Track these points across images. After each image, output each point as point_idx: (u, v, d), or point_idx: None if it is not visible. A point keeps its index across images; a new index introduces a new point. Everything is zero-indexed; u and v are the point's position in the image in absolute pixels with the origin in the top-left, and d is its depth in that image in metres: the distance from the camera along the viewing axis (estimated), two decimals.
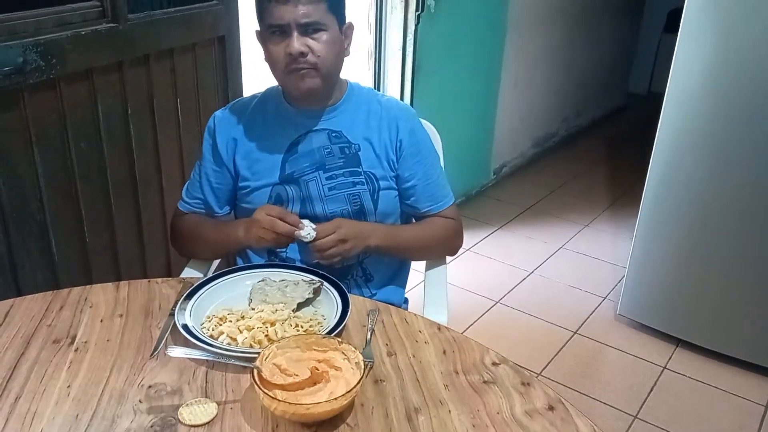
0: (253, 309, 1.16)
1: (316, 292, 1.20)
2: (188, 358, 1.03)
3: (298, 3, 1.23)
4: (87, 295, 1.21)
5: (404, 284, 1.54)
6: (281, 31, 1.26)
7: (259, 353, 0.98)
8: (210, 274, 1.35)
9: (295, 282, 1.22)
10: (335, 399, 0.90)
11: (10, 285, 1.59)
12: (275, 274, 1.25)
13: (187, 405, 0.95)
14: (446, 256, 1.54)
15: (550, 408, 0.98)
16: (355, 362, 0.97)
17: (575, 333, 2.47)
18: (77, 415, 0.93)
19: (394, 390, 1.00)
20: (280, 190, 1.38)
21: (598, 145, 4.43)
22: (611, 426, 2.02)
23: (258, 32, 1.33)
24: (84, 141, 1.67)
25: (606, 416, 2.06)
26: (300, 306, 1.18)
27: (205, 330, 1.10)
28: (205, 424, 0.92)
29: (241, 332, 1.09)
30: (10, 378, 1.00)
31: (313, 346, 1.01)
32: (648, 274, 2.38)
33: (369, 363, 1.04)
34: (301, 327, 1.11)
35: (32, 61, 1.47)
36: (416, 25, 2.69)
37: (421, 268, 1.57)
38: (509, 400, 0.99)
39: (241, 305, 1.18)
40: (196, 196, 1.44)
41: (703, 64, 2.06)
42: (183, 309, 1.13)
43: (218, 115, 1.43)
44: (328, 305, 1.18)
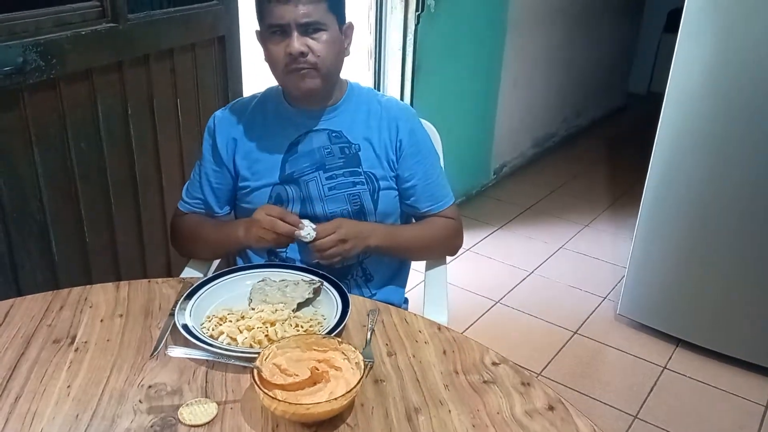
0: (253, 309, 1.16)
1: (316, 292, 1.20)
2: (188, 358, 1.03)
3: (298, 3, 1.23)
4: (87, 295, 1.21)
5: (404, 284, 1.54)
6: (281, 30, 1.26)
7: (259, 353, 0.98)
8: (210, 274, 1.35)
9: (295, 282, 1.22)
10: (335, 399, 0.90)
11: (11, 285, 1.59)
12: (275, 274, 1.25)
13: (187, 405, 0.95)
14: (446, 256, 1.54)
15: (550, 408, 0.98)
16: (355, 362, 0.97)
17: (575, 333, 2.47)
18: (77, 415, 0.93)
19: (394, 390, 1.00)
20: (280, 190, 1.38)
21: (598, 145, 4.43)
22: (611, 426, 2.02)
23: (258, 32, 1.33)
24: (84, 141, 1.67)
25: (606, 416, 2.06)
26: (300, 306, 1.18)
27: (205, 330, 1.10)
28: (205, 424, 0.92)
29: (241, 332, 1.09)
30: (10, 378, 1.00)
31: (313, 346, 1.01)
32: (648, 274, 2.38)
33: (369, 363, 1.04)
34: (301, 327, 1.11)
35: (32, 61, 1.47)
36: (416, 25, 2.69)
37: (421, 268, 1.57)
38: (509, 400, 0.99)
39: (241, 305, 1.18)
40: (196, 196, 1.44)
41: (703, 64, 2.06)
42: (183, 309, 1.13)
43: (218, 115, 1.43)
44: (328, 305, 1.18)
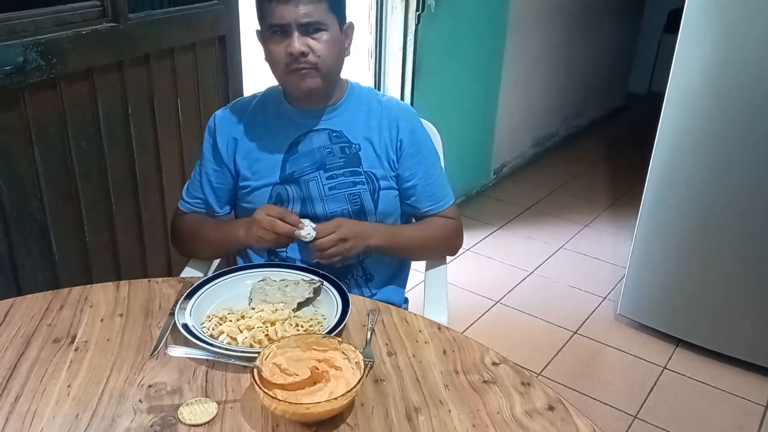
0: (253, 308, 1.16)
1: (317, 291, 1.20)
2: (188, 358, 1.03)
3: (299, 3, 1.23)
4: (87, 294, 1.21)
5: (404, 284, 1.54)
6: (282, 30, 1.26)
7: (259, 353, 0.98)
8: (210, 273, 1.35)
9: (295, 281, 1.22)
10: (335, 399, 0.90)
11: (11, 284, 1.59)
12: (275, 274, 1.25)
13: (188, 404, 0.95)
14: (446, 256, 1.54)
15: (550, 408, 0.98)
16: (355, 362, 0.97)
17: (575, 333, 2.47)
18: (77, 415, 0.93)
19: (394, 390, 1.00)
20: (281, 190, 1.38)
21: (598, 145, 4.43)
22: (611, 426, 2.02)
23: (258, 32, 1.33)
24: (84, 140, 1.67)
25: (606, 416, 2.06)
26: (300, 305, 1.18)
27: (206, 329, 1.10)
28: (205, 423, 0.92)
29: (241, 332, 1.09)
30: (10, 377, 1.00)
31: (313, 346, 1.01)
32: (648, 274, 2.38)
33: (369, 363, 1.04)
34: (302, 327, 1.11)
35: (32, 60, 1.47)
36: (417, 25, 2.69)
37: (421, 268, 1.57)
38: (509, 399, 0.99)
39: (242, 305, 1.18)
40: (197, 196, 1.44)
41: (704, 64, 2.06)
42: (183, 308, 1.13)
43: (219, 114, 1.43)
44: (329, 305, 1.18)
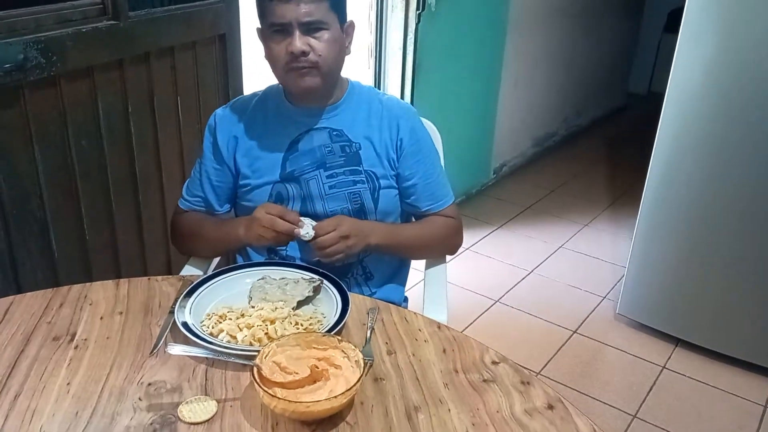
0: (253, 307, 1.16)
1: (316, 290, 1.20)
2: (188, 356, 1.03)
3: (300, 2, 1.23)
4: (87, 292, 1.21)
5: (404, 283, 1.54)
6: (283, 29, 1.26)
7: (258, 351, 0.98)
8: (210, 271, 1.35)
9: (295, 280, 1.22)
10: (335, 397, 0.90)
11: (11, 283, 1.59)
12: (275, 272, 1.25)
13: (187, 403, 0.95)
14: (446, 255, 1.54)
15: (550, 407, 0.98)
16: (355, 360, 0.97)
17: (575, 332, 2.47)
18: (77, 413, 0.93)
19: (394, 388, 1.00)
20: (281, 189, 1.38)
21: (598, 145, 4.43)
22: (610, 425, 2.02)
23: (259, 30, 1.33)
24: (84, 138, 1.67)
25: (605, 415, 2.06)
26: (300, 304, 1.18)
27: (205, 328, 1.10)
28: (204, 421, 0.92)
29: (241, 330, 1.09)
30: (9, 375, 1.00)
31: (313, 344, 1.01)
32: (648, 274, 2.38)
33: (369, 361, 1.04)
34: (301, 325, 1.12)
35: (33, 58, 1.47)
36: (417, 24, 2.69)
37: (420, 267, 1.57)
38: (509, 398, 0.99)
39: (241, 303, 1.18)
40: (197, 194, 1.44)
41: (704, 64, 2.06)
42: (183, 307, 1.13)
43: (219, 113, 1.43)
44: (328, 303, 1.18)
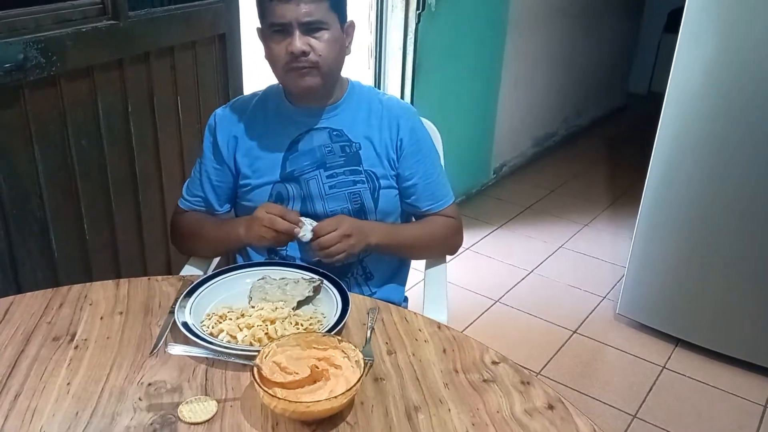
0: (253, 307, 1.16)
1: (316, 290, 1.20)
2: (188, 356, 1.03)
3: (300, 2, 1.23)
4: (87, 292, 1.21)
5: (404, 283, 1.54)
6: (283, 29, 1.26)
7: (259, 351, 0.98)
8: (210, 271, 1.35)
9: (295, 280, 1.22)
10: (335, 397, 0.90)
11: (11, 283, 1.59)
12: (275, 272, 1.25)
13: (187, 403, 0.95)
14: (446, 255, 1.54)
15: (550, 407, 0.98)
16: (355, 360, 0.97)
17: (575, 332, 2.47)
18: (77, 413, 0.93)
19: (394, 388, 1.00)
20: (281, 188, 1.38)
21: (598, 145, 4.43)
22: (610, 425, 2.02)
23: (259, 30, 1.33)
24: (84, 138, 1.67)
25: (605, 415, 2.06)
26: (300, 304, 1.18)
27: (205, 328, 1.10)
28: (205, 421, 0.92)
29: (241, 330, 1.09)
30: (9, 375, 1.00)
31: (313, 344, 1.01)
32: (648, 274, 2.38)
33: (369, 361, 1.04)
34: (301, 325, 1.11)
35: (33, 57, 1.47)
36: (417, 24, 2.69)
37: (420, 267, 1.57)
38: (509, 398, 0.99)
39: (241, 303, 1.18)
40: (197, 194, 1.44)
41: (704, 64, 2.06)
42: (183, 307, 1.13)
43: (219, 112, 1.43)
44: (328, 303, 1.18)
